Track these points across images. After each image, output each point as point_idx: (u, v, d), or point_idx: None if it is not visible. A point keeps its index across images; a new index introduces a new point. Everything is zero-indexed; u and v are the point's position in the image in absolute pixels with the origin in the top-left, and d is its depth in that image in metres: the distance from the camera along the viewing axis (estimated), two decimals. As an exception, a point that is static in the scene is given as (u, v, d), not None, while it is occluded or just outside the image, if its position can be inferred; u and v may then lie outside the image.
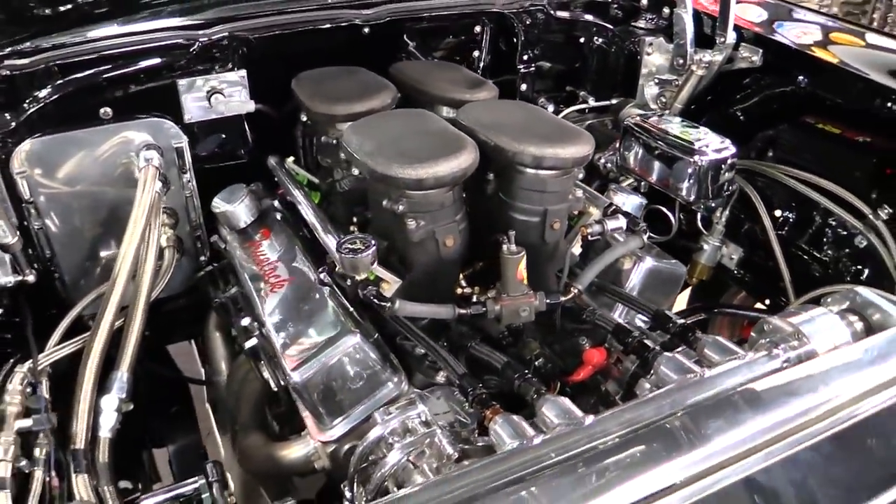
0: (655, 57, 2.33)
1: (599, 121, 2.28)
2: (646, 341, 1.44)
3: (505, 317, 1.47)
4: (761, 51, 2.06)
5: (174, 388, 2.28)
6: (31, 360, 1.52)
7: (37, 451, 1.35)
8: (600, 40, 2.37)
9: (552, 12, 2.23)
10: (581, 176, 1.60)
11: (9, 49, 1.68)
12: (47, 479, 1.33)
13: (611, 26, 2.37)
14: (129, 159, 1.82)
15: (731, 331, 2.54)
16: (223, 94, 1.86)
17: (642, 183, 2.05)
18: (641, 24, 2.37)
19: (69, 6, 1.69)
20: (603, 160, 2.15)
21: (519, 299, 1.46)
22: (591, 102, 2.38)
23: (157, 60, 1.79)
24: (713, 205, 1.93)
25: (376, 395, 1.46)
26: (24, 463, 1.31)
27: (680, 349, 1.44)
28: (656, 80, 2.32)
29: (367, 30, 2.01)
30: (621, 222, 1.59)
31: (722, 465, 1.00)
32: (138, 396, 2.15)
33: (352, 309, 1.56)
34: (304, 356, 1.44)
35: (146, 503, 1.65)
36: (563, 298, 1.51)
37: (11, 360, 1.51)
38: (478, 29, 2.20)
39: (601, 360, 1.54)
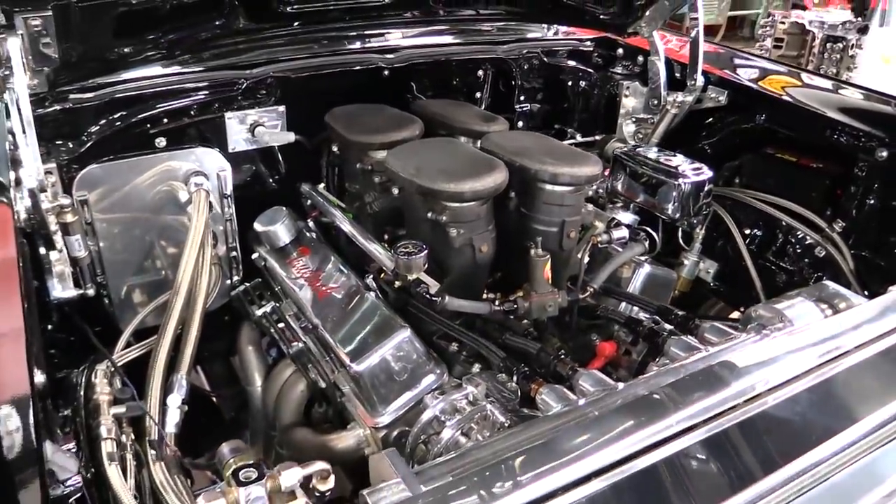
0: (632, 99, 2.65)
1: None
2: (655, 328, 1.68)
3: (533, 311, 1.70)
4: (727, 91, 2.39)
5: (201, 403, 2.41)
6: (105, 361, 1.66)
7: (123, 438, 1.49)
8: (584, 84, 2.68)
9: (545, 59, 2.53)
10: (590, 192, 1.85)
11: (76, 84, 1.87)
12: (134, 463, 1.47)
13: (592, 71, 2.68)
14: (171, 186, 2.01)
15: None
16: (265, 127, 2.08)
17: (630, 205, 2.32)
18: (619, 69, 2.69)
19: (132, 48, 1.89)
20: (594, 186, 2.42)
21: (546, 296, 1.69)
22: (578, 138, 2.67)
23: (208, 96, 2.00)
24: (694, 222, 2.20)
25: (422, 384, 1.65)
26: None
27: (683, 336, 1.69)
28: (633, 119, 2.64)
29: (387, 72, 2.26)
30: (624, 233, 1.86)
31: (733, 408, 1.24)
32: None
33: (436, 303, 1.75)
34: (362, 349, 1.63)
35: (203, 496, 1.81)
36: (581, 295, 1.75)
37: (91, 359, 1.65)
38: (480, 73, 2.49)
39: (613, 352, 1.78)
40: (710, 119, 2.52)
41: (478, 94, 2.52)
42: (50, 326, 1.96)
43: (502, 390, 1.56)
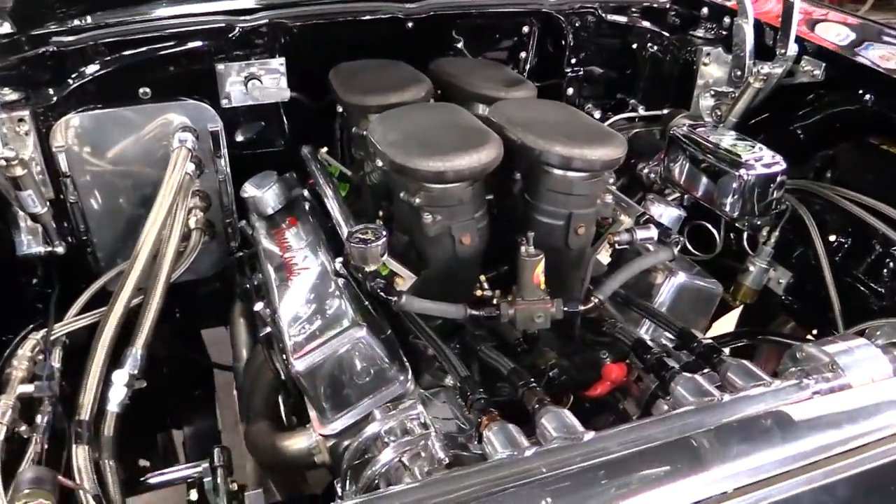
0: (713, 68, 2.23)
1: (647, 130, 2.18)
2: (666, 360, 1.35)
3: (519, 321, 1.40)
4: (824, 65, 1.93)
5: (200, 372, 2.30)
6: (44, 330, 1.53)
7: (38, 418, 1.36)
8: (654, 47, 2.28)
9: (603, 16, 2.15)
10: (612, 180, 1.52)
11: (55, 27, 1.72)
12: (45, 446, 1.33)
13: (666, 33, 2.27)
14: (157, 141, 1.84)
15: (779, 360, 2.38)
16: (260, 81, 1.86)
17: (685, 197, 1.95)
18: (700, 32, 2.27)
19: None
20: (647, 170, 2.06)
21: (535, 304, 1.39)
22: (641, 111, 2.28)
23: (197, 44, 1.81)
24: (758, 223, 1.81)
25: (380, 392, 1.40)
26: (23, 428, 1.31)
27: (705, 371, 1.35)
28: (712, 92, 2.22)
29: (410, 24, 1.98)
30: (652, 233, 1.51)
31: (725, 497, 0.92)
32: (161, 378, 2.17)
33: (367, 303, 1.52)
34: (309, 345, 1.41)
35: (151, 482, 1.67)
36: (582, 307, 1.43)
37: (30, 327, 1.53)
38: (526, 29, 2.15)
39: (620, 377, 1.46)
40: (811, 96, 2.06)
41: (522, 55, 2.18)
42: (35, 281, 1.88)
43: (458, 417, 1.30)
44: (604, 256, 1.59)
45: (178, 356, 2.22)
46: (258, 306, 1.66)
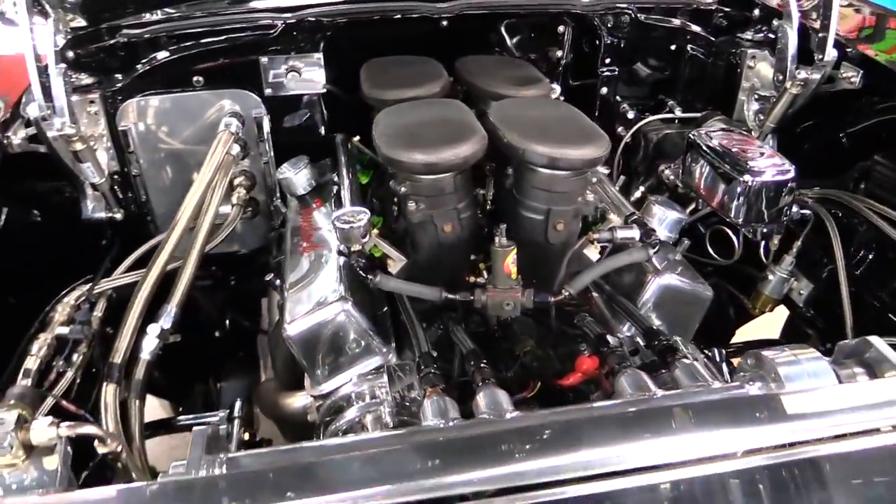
0: (759, 71, 2.19)
1: (679, 132, 2.17)
2: (626, 356, 1.40)
3: (490, 308, 1.49)
4: (861, 71, 1.87)
5: (247, 335, 2.52)
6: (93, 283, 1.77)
7: (75, 356, 1.59)
8: (696, 49, 2.26)
9: (638, 16, 2.16)
10: (595, 180, 1.56)
11: (127, 21, 1.97)
12: (78, 381, 1.56)
13: (708, 35, 2.25)
14: (208, 125, 2.04)
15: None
16: (299, 74, 2.03)
17: (698, 201, 1.95)
18: (748, 35, 2.23)
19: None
20: (667, 171, 2.06)
21: (505, 293, 1.48)
22: (678, 112, 2.27)
23: (244, 37, 2.00)
24: (766, 230, 1.78)
25: (364, 361, 1.53)
26: (60, 363, 1.54)
27: (664, 371, 1.39)
28: (756, 96, 2.18)
29: (445, 23, 2.08)
30: (634, 233, 1.54)
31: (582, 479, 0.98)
32: (211, 338, 2.41)
33: (367, 281, 1.65)
34: (301, 315, 1.56)
35: (175, 425, 1.89)
36: (552, 299, 1.50)
37: (81, 280, 1.77)
38: (560, 29, 2.19)
39: (591, 369, 1.51)
40: (845, 104, 2.00)
41: (558, 55, 2.23)
42: (104, 242, 2.15)
43: (416, 388, 1.41)
44: (593, 253, 1.64)
45: (230, 320, 2.46)
46: (268, 277, 1.83)
